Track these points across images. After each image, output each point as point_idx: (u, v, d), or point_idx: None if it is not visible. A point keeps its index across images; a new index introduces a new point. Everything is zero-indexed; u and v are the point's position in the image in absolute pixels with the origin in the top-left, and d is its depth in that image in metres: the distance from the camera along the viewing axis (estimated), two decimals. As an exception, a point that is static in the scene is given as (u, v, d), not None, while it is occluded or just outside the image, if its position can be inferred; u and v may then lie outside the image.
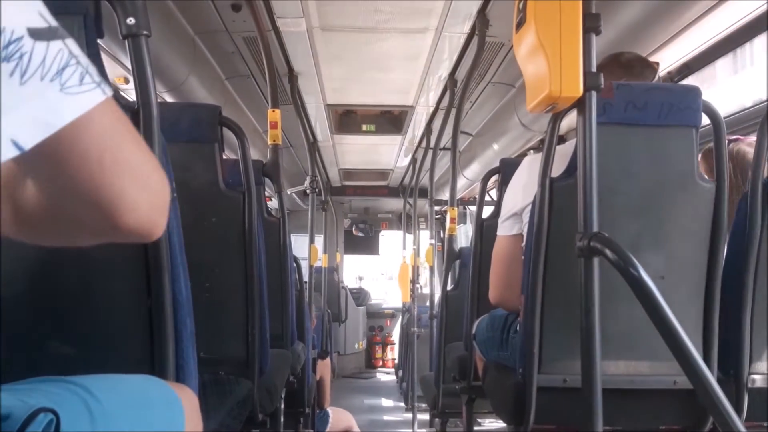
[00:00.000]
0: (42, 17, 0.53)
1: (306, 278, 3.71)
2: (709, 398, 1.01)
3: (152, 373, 1.04)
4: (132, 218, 0.62)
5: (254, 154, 4.62)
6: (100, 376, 0.81)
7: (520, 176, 1.76)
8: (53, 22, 0.54)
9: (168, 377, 1.05)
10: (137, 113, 1.04)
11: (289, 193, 6.41)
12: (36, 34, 0.52)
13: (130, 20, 1.02)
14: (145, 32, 1.03)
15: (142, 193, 0.62)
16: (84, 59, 0.57)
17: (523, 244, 1.68)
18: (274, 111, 2.57)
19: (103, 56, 2.46)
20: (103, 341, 1.07)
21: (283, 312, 2.37)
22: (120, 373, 0.88)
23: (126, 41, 1.03)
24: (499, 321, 1.89)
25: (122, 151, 0.60)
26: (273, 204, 4.27)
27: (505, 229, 1.80)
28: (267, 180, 2.47)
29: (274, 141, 2.52)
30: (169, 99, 3.15)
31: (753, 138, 1.63)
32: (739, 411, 1.52)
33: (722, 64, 2.60)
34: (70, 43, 0.56)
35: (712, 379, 1.02)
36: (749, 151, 1.92)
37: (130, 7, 1.02)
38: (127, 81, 2.93)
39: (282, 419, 2.31)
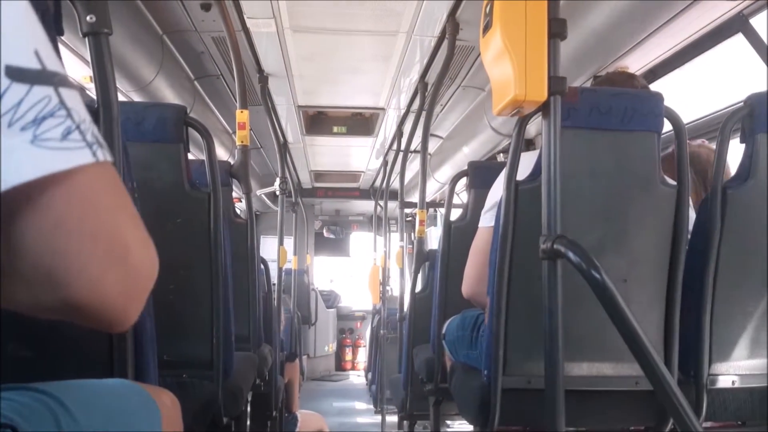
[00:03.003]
0: (37, 58, 0.49)
1: (275, 280, 3.68)
2: (668, 399, 1.03)
3: (111, 375, 1.02)
4: (87, 295, 0.53)
5: (224, 155, 4.59)
6: (71, 382, 0.79)
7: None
8: (52, 66, 0.49)
9: (127, 379, 1.03)
10: (97, 112, 1.02)
11: (258, 194, 6.37)
12: (16, 74, 0.47)
13: (91, 18, 1.00)
14: (105, 30, 1.02)
15: (112, 271, 0.54)
16: (82, 115, 0.51)
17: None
18: (242, 112, 2.55)
19: (70, 55, 2.43)
20: (61, 344, 1.04)
21: (250, 314, 2.35)
22: (79, 376, 0.86)
23: (86, 39, 1.01)
24: (469, 320, 1.90)
25: (101, 223, 0.53)
26: (242, 205, 4.24)
27: (485, 221, 1.81)
28: (236, 181, 2.46)
29: (243, 142, 2.50)
30: (136, 99, 3.10)
31: (700, 140, 1.66)
32: (698, 412, 1.55)
33: (686, 70, 2.65)
34: (67, 93, 0.50)
35: (672, 381, 1.04)
36: (701, 152, 1.97)
37: (91, 5, 1.00)
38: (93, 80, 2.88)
39: (248, 422, 2.29)
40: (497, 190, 1.77)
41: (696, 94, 2.87)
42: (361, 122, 4.98)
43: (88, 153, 0.51)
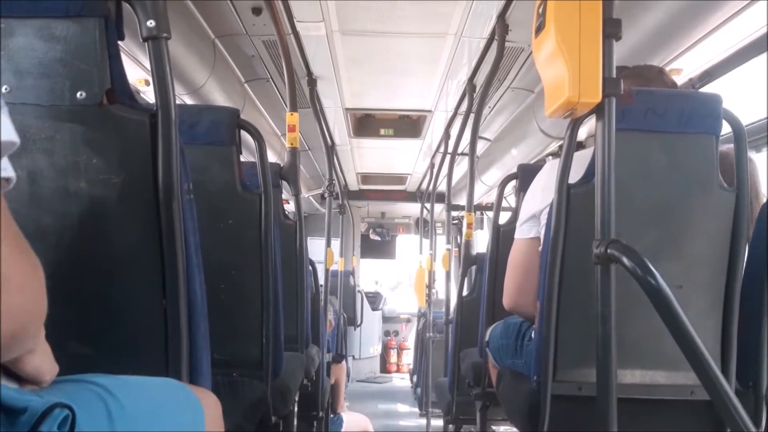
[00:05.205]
0: None
1: (322, 282, 3.71)
2: (726, 410, 1.00)
3: (166, 373, 1.04)
4: None
5: (272, 157, 4.64)
6: (120, 377, 0.82)
7: (540, 180, 1.75)
8: None
9: (182, 378, 1.05)
10: (155, 115, 1.04)
11: (306, 196, 6.42)
12: None
13: (151, 23, 1.03)
14: (165, 35, 1.04)
15: None
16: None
17: (541, 248, 1.67)
18: (292, 114, 2.58)
19: (124, 58, 2.49)
20: (119, 342, 1.07)
21: (298, 315, 2.38)
22: (135, 373, 0.88)
23: (146, 44, 1.04)
24: (513, 328, 1.88)
25: None
26: (290, 207, 4.29)
27: (522, 233, 1.79)
28: (284, 183, 2.48)
29: (292, 144, 2.52)
30: (188, 101, 3.17)
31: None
32: (757, 423, 1.50)
33: (745, 71, 2.57)
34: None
35: (731, 391, 1.00)
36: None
37: (151, 10, 1.03)
38: (147, 83, 2.96)
39: (295, 422, 2.31)
40: (534, 200, 1.74)
41: (755, 95, 2.78)
42: (408, 124, 4.99)
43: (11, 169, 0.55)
